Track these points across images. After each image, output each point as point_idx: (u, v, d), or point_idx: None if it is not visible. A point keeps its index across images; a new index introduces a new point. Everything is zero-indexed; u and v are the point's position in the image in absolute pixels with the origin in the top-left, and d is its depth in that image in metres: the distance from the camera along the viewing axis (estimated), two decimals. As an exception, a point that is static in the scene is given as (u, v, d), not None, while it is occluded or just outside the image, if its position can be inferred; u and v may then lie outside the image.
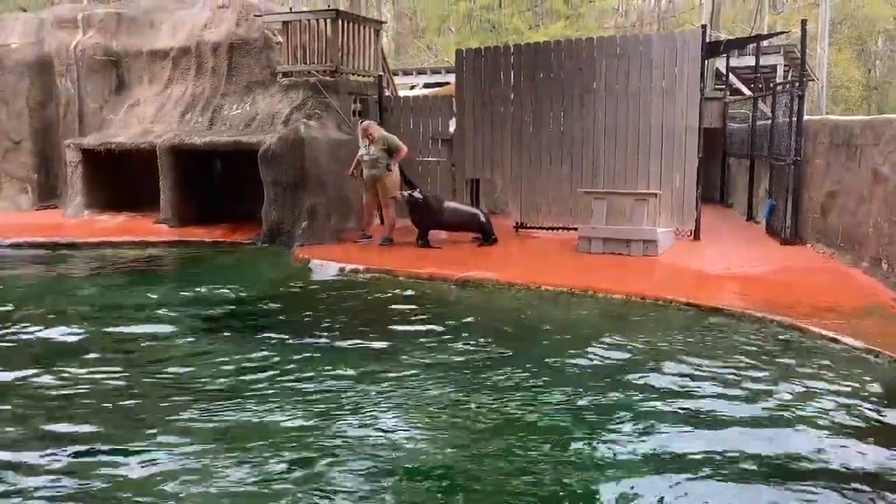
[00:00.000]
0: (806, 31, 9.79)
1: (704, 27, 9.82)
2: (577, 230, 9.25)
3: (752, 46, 14.78)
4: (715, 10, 20.32)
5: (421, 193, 9.42)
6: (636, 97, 9.55)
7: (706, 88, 12.37)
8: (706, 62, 10.30)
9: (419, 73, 21.82)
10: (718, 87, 17.97)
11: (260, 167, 10.01)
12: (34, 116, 12.80)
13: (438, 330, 5.79)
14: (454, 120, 10.81)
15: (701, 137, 9.36)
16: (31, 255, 9.67)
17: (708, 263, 8.02)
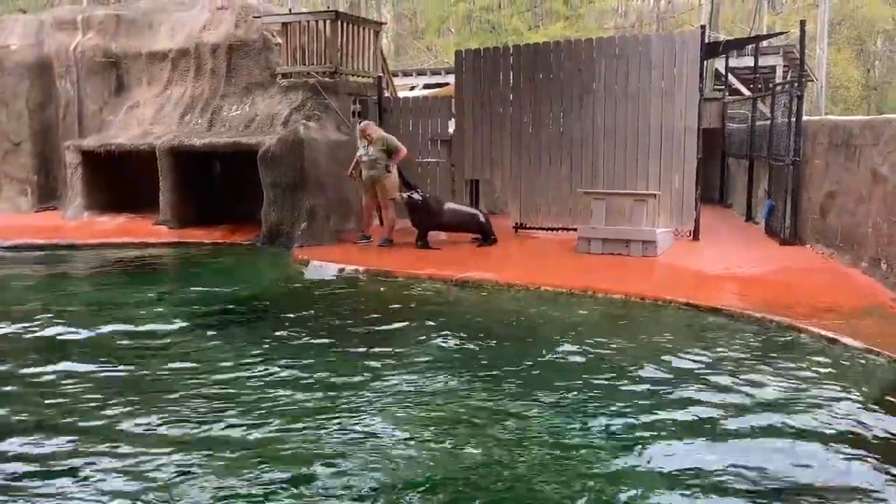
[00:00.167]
0: (805, 31, 9.80)
1: (703, 28, 9.82)
2: (576, 231, 9.25)
3: (751, 47, 14.77)
4: (714, 10, 20.34)
5: (420, 195, 9.42)
6: (635, 98, 9.55)
7: (705, 89, 12.40)
8: (705, 63, 10.30)
9: (419, 73, 21.84)
10: (717, 87, 18.00)
11: (259, 168, 10.02)
12: (34, 118, 12.81)
13: (437, 331, 5.78)
14: (453, 121, 10.82)
15: (700, 138, 9.37)
16: (30, 256, 9.66)
17: (707, 264, 8.02)
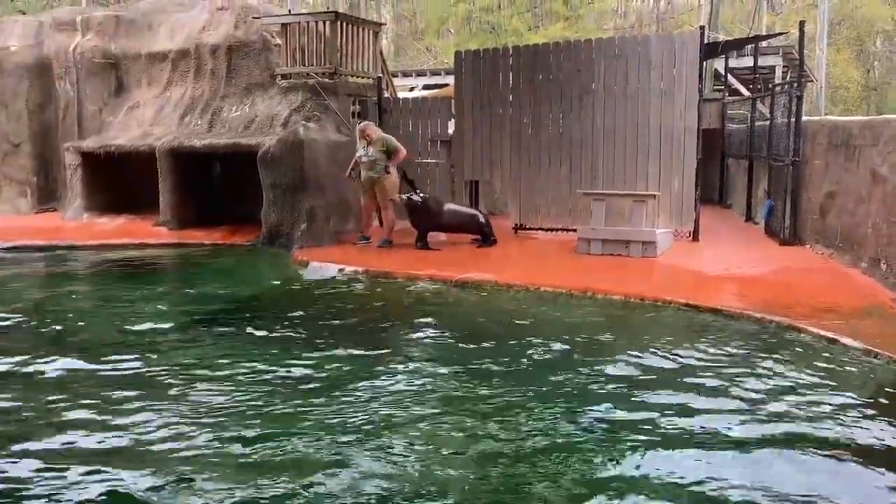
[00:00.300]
0: (804, 31, 9.80)
1: (703, 28, 9.82)
2: (576, 231, 9.25)
3: (750, 47, 14.78)
4: (713, 11, 20.34)
5: (420, 196, 9.42)
6: (635, 98, 9.55)
7: (705, 89, 12.40)
8: (705, 63, 10.31)
9: (418, 74, 21.84)
10: (717, 87, 18.01)
11: (259, 169, 10.02)
12: (33, 119, 12.82)
13: (437, 332, 5.79)
14: (453, 121, 10.82)
15: (699, 138, 9.37)
16: (30, 258, 9.66)
17: (707, 264, 8.02)
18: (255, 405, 4.23)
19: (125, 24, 12.70)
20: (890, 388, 4.45)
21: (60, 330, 5.97)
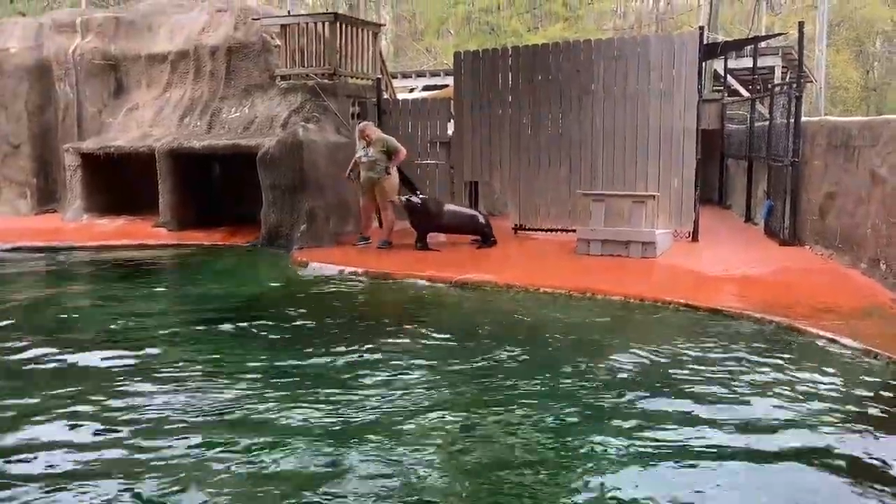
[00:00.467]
0: (803, 32, 9.80)
1: (702, 29, 9.83)
2: (575, 232, 9.26)
3: (749, 48, 14.80)
4: (713, 11, 20.35)
5: (419, 197, 9.42)
6: (634, 99, 9.56)
7: (704, 90, 12.41)
8: (704, 64, 10.31)
9: (418, 75, 21.85)
10: (716, 88, 18.02)
11: (259, 170, 10.03)
12: (33, 120, 12.83)
13: (437, 333, 5.78)
14: (452, 122, 10.82)
15: (699, 139, 9.37)
16: (30, 259, 9.66)
17: (706, 265, 8.02)
18: (253, 405, 4.23)
19: (125, 25, 12.71)
20: (890, 388, 4.45)
21: (60, 329, 5.95)
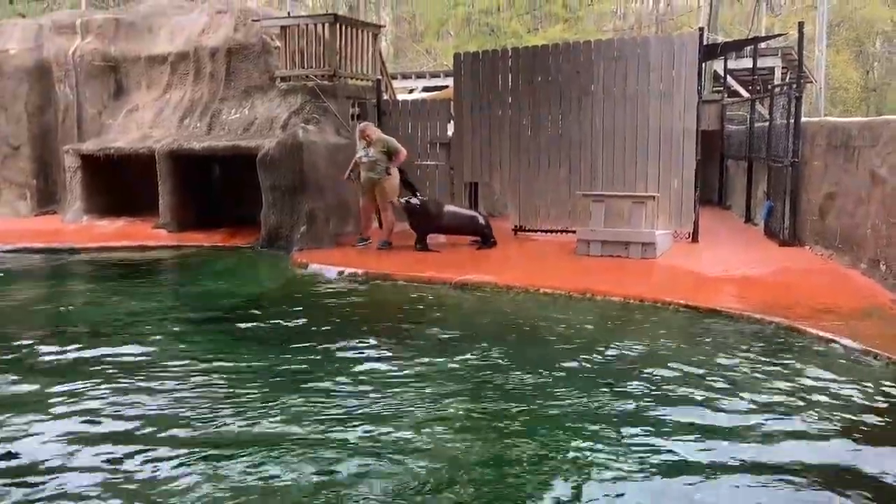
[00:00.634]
0: (803, 33, 9.80)
1: (702, 30, 9.83)
2: (575, 233, 9.26)
3: (749, 49, 14.80)
4: (713, 12, 20.36)
5: (419, 199, 9.42)
6: (634, 100, 9.56)
7: (704, 91, 12.41)
8: (704, 64, 10.31)
9: (418, 76, 21.86)
10: (716, 89, 18.03)
11: (258, 172, 10.03)
12: (33, 122, 12.83)
13: (437, 333, 5.78)
14: (452, 123, 10.82)
15: (699, 140, 9.38)
16: (30, 260, 9.66)
17: (706, 265, 8.02)
18: (252, 405, 4.23)
19: (125, 26, 12.72)
20: (890, 388, 4.45)
21: (60, 329, 5.96)
